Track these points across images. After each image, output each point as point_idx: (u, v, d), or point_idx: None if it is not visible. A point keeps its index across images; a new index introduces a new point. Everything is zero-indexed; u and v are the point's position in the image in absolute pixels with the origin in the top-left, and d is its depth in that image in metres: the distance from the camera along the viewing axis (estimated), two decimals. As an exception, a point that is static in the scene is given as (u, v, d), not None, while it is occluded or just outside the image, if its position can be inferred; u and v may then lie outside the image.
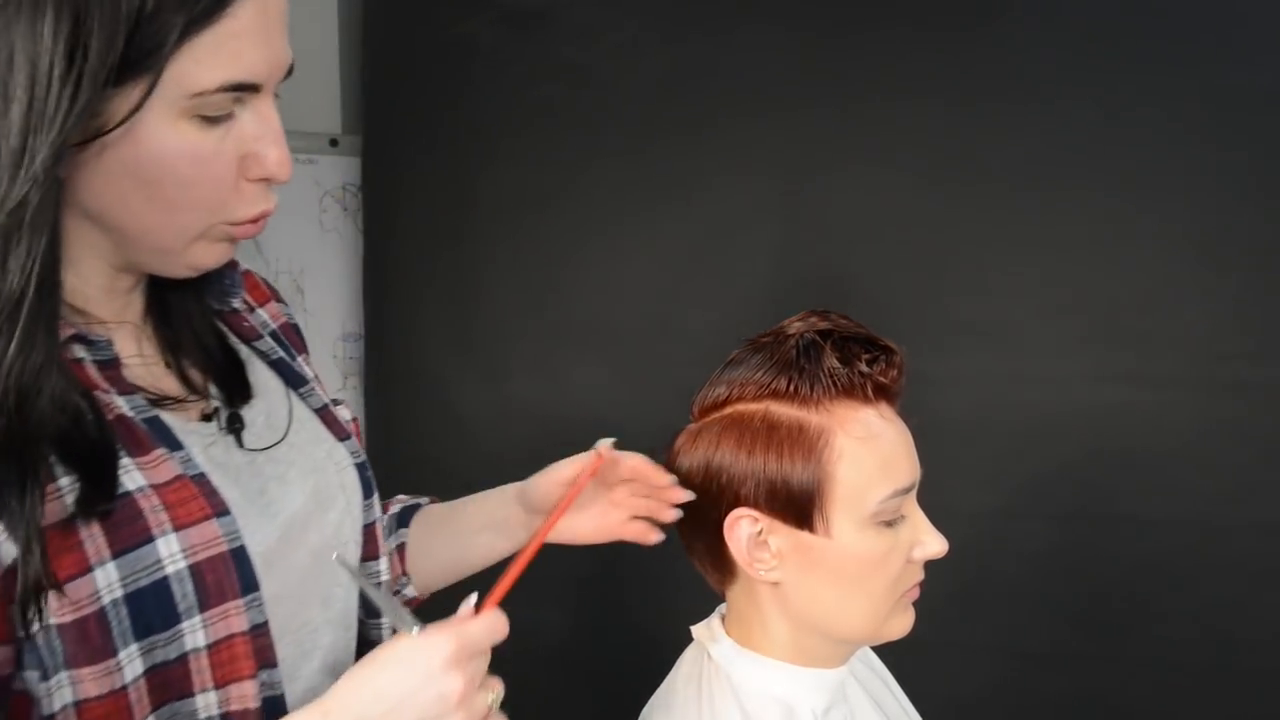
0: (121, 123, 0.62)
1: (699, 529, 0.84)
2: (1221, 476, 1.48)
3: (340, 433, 0.83)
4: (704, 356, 1.02)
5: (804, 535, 0.80)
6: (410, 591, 0.97)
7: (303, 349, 0.89)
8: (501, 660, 0.75)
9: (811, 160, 1.69)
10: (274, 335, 0.85)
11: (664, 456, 0.90)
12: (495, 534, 0.96)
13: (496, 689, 0.69)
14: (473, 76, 1.79)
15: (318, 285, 1.93)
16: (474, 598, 0.69)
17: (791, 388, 0.80)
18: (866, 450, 0.79)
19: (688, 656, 0.89)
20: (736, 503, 0.81)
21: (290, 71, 0.69)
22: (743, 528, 0.80)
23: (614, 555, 1.27)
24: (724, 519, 0.81)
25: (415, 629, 0.66)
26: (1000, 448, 1.59)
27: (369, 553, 0.84)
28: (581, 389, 1.40)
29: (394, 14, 1.86)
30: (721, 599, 0.89)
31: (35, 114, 0.59)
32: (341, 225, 1.96)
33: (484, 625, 0.67)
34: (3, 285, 0.60)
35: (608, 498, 0.93)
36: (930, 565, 0.86)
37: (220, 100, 0.64)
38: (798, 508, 0.79)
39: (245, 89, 0.65)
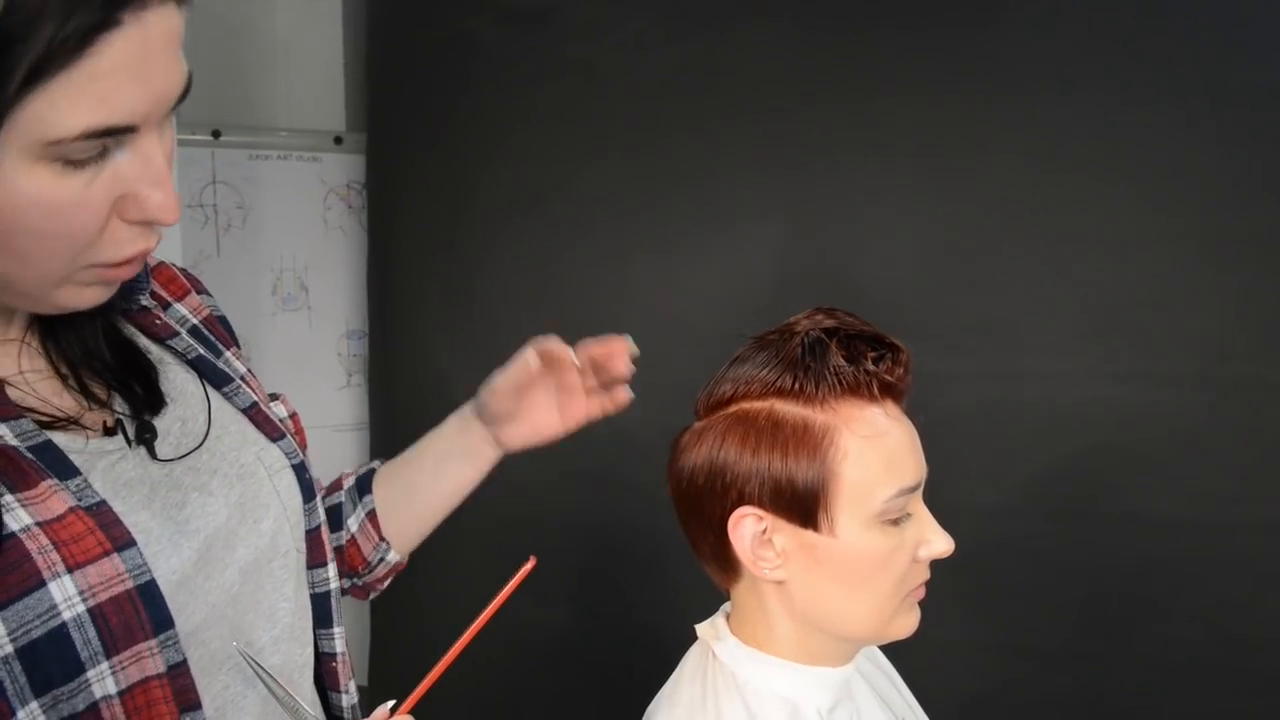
0: None
1: (704, 527, 0.83)
2: (1226, 475, 1.48)
3: (273, 432, 0.76)
4: (706, 354, 1.01)
5: (809, 534, 0.79)
6: (392, 557, 0.94)
7: (231, 343, 0.82)
8: (503, 658, 0.75)
9: (815, 157, 1.69)
10: (193, 331, 0.77)
11: (667, 455, 0.89)
12: (459, 460, 0.94)
13: None
14: (476, 74, 1.79)
15: (322, 282, 1.93)
16: (390, 704, 0.65)
17: (797, 386, 0.80)
18: (872, 449, 0.79)
19: (692, 655, 0.88)
20: (741, 501, 0.80)
21: (186, 92, 0.60)
22: (747, 526, 0.80)
23: (615, 553, 1.27)
24: (728, 517, 0.81)
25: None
26: (1004, 445, 1.58)
27: (315, 559, 0.78)
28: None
29: (398, 12, 1.86)
30: (726, 597, 0.89)
31: None
32: (346, 222, 1.96)
33: None
34: None
35: (562, 386, 0.95)
36: (934, 562, 0.86)
37: (84, 146, 0.56)
38: (803, 506, 0.79)
39: (116, 132, 0.56)
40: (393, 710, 0.65)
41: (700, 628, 0.89)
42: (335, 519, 0.93)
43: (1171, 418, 1.51)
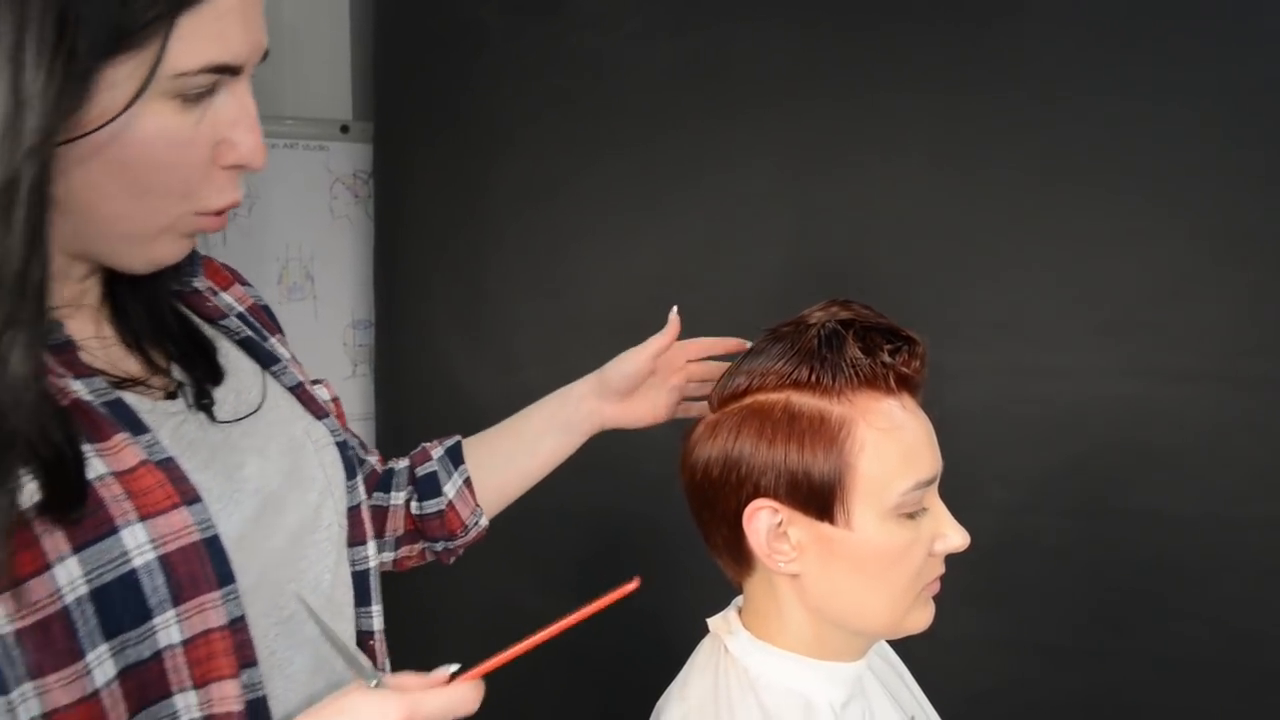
0: (129, 106, 0.59)
1: (718, 520, 0.83)
2: (1238, 471, 1.47)
3: (318, 411, 0.79)
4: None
5: (824, 527, 0.78)
6: (484, 522, 0.99)
7: (275, 330, 0.86)
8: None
9: (826, 151, 1.68)
10: (240, 316, 0.81)
11: (680, 447, 0.89)
12: (562, 434, 0.98)
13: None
14: (484, 64, 1.78)
15: (328, 272, 1.92)
16: (453, 667, 0.65)
17: (813, 378, 0.79)
18: (889, 441, 0.78)
19: (703, 649, 0.88)
20: (756, 494, 0.79)
21: (265, 56, 0.67)
22: (762, 519, 0.79)
23: (623, 546, 1.27)
24: (743, 510, 0.80)
25: (373, 682, 0.63)
26: (1016, 441, 1.58)
27: (355, 537, 0.80)
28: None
29: (406, 1, 1.85)
30: (735, 591, 0.88)
31: (25, 89, 0.55)
32: (352, 212, 1.95)
33: (444, 699, 0.61)
34: (17, 243, 0.55)
35: (666, 382, 1.01)
36: (946, 557, 0.85)
37: (201, 81, 0.61)
38: (819, 499, 0.78)
39: (226, 71, 0.63)
40: (452, 677, 0.65)
41: (712, 621, 0.88)
42: (431, 487, 0.97)
43: (1184, 414, 1.50)
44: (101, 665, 0.60)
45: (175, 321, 0.74)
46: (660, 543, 1.32)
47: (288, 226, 1.87)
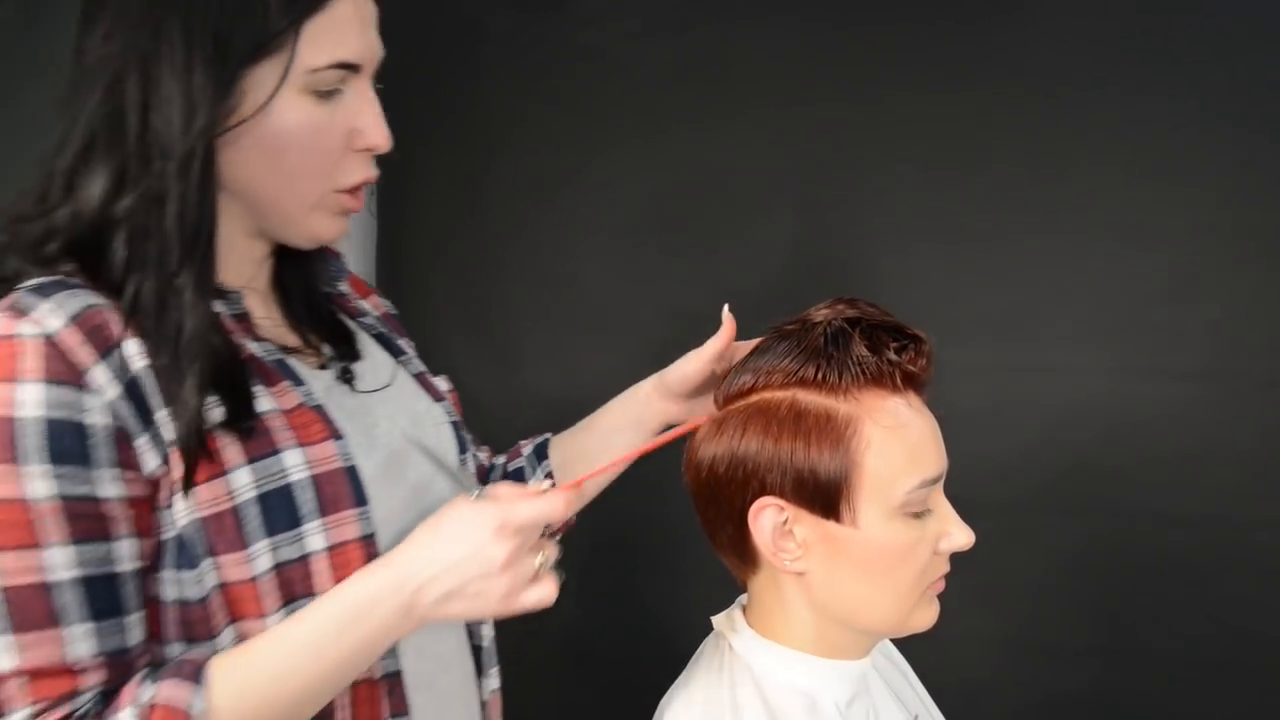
0: (270, 100, 0.74)
1: (723, 518, 0.82)
2: (1241, 471, 1.47)
3: (436, 395, 0.94)
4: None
5: (830, 525, 0.78)
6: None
7: (403, 334, 1.01)
8: (511, 649, 0.74)
9: (829, 149, 1.68)
10: (376, 319, 0.98)
11: (685, 445, 0.89)
12: (633, 431, 1.00)
13: (549, 551, 0.76)
14: (487, 61, 1.78)
15: (329, 270, 1.92)
16: (546, 482, 0.78)
17: (820, 375, 0.79)
18: (895, 439, 0.78)
19: (707, 647, 0.87)
20: (762, 491, 0.79)
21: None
22: (768, 517, 0.79)
23: (625, 545, 1.26)
24: (749, 508, 0.80)
25: (475, 493, 0.76)
26: (1019, 440, 1.58)
27: None
28: (595, 376, 1.40)
29: (407, -2, 1.85)
30: (737, 589, 0.88)
31: (191, 97, 0.72)
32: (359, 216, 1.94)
33: (534, 507, 0.74)
34: (188, 210, 0.73)
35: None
36: (949, 556, 0.85)
37: (330, 77, 0.76)
38: (824, 497, 0.78)
39: (349, 68, 0.77)
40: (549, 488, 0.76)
41: (717, 619, 0.88)
42: (518, 480, 1.05)
43: (1187, 413, 1.50)
44: (262, 556, 0.74)
45: (326, 311, 0.90)
46: (659, 542, 1.32)
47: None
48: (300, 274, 0.88)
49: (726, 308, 0.96)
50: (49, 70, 1.54)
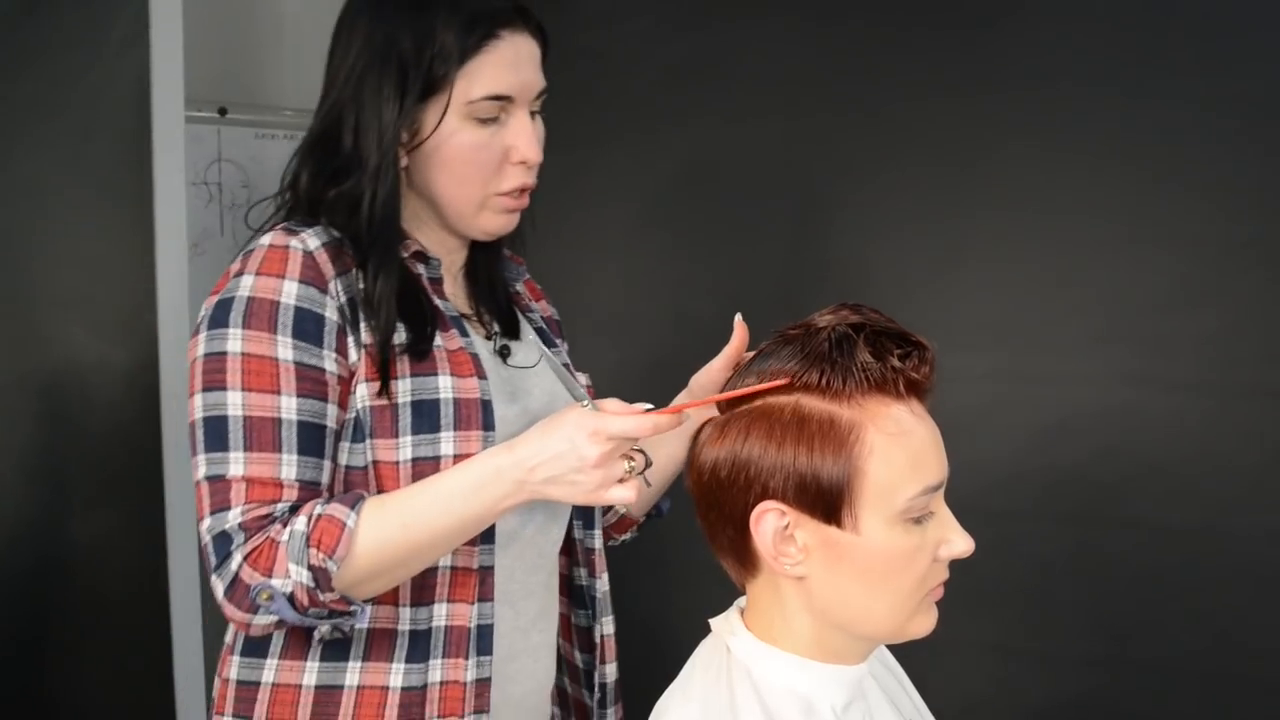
0: (436, 127, 1.00)
1: (724, 521, 0.83)
2: (1232, 481, 1.48)
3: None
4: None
5: (832, 530, 0.79)
6: (620, 508, 1.20)
7: (560, 336, 1.22)
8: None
9: (826, 154, 1.68)
10: (541, 318, 1.19)
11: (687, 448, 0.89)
12: (674, 439, 1.07)
13: (638, 459, 0.93)
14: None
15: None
16: (648, 406, 0.92)
17: (824, 381, 0.79)
18: (898, 446, 0.78)
19: (705, 649, 0.87)
20: (764, 495, 0.79)
21: (543, 93, 1.05)
22: (769, 521, 0.79)
23: (617, 548, 1.27)
24: (750, 512, 0.80)
25: (585, 403, 0.93)
26: (1012, 447, 1.58)
27: None
28: (595, 377, 1.40)
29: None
30: (732, 593, 0.88)
31: (383, 124, 0.99)
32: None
33: (625, 422, 0.89)
34: (380, 199, 0.99)
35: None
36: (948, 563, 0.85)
37: (486, 107, 1.00)
38: (826, 502, 0.78)
39: (502, 99, 1.00)
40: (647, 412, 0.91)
41: (715, 622, 0.88)
42: None
43: (1179, 422, 1.51)
44: (405, 448, 0.96)
45: (503, 299, 1.14)
46: (652, 546, 1.32)
47: (282, 217, 1.86)
48: (488, 266, 1.14)
49: (739, 316, 0.99)
50: (45, 55, 1.54)
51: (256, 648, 1.00)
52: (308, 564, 0.88)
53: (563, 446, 0.90)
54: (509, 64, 1.00)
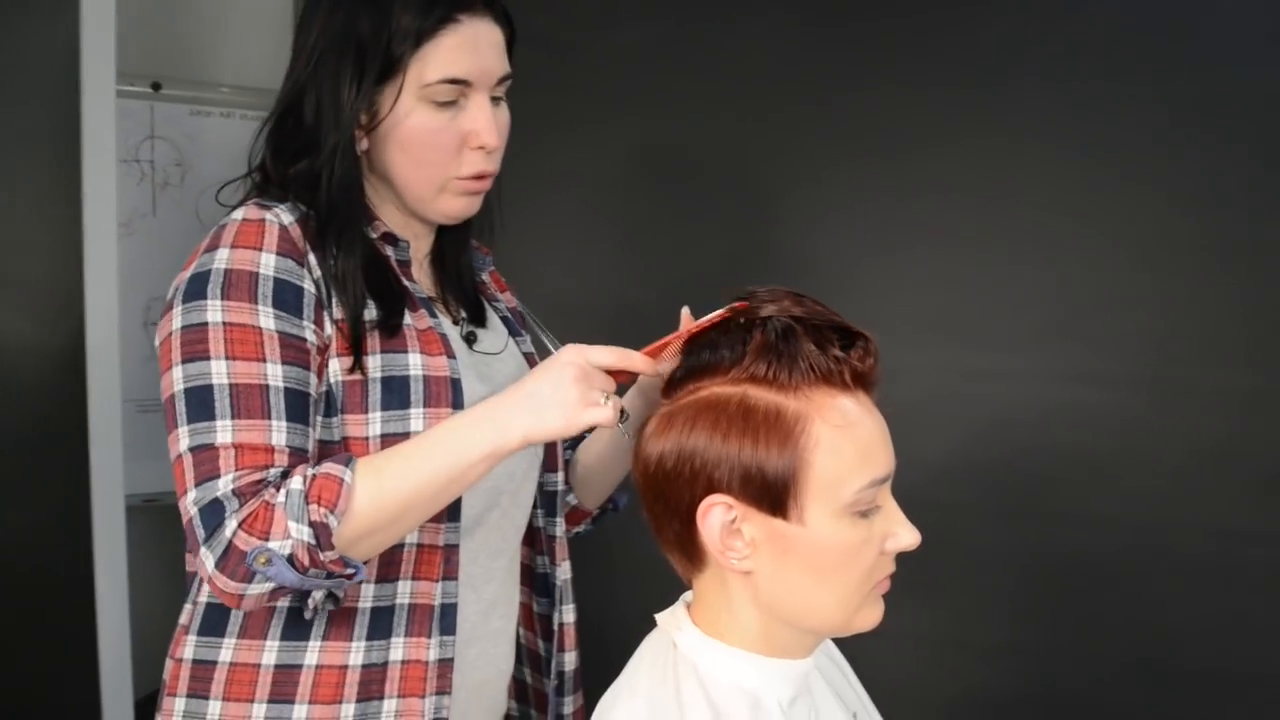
0: (392, 109, 1.00)
1: (670, 514, 0.82)
2: (1165, 476, 1.51)
3: None
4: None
5: (778, 523, 0.78)
6: (572, 499, 1.21)
7: (524, 328, 1.21)
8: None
9: (772, 146, 1.68)
10: (506, 309, 1.20)
11: (632, 440, 0.88)
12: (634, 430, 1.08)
13: (614, 395, 0.92)
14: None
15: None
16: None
17: (770, 372, 0.78)
18: (844, 438, 0.78)
19: (651, 644, 0.86)
20: (711, 489, 0.79)
21: (506, 79, 1.06)
22: (716, 515, 0.78)
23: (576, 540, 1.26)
24: (697, 505, 0.79)
25: (556, 346, 0.96)
26: (949, 441, 1.60)
27: (548, 465, 1.15)
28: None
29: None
30: (675, 586, 0.87)
31: (341, 104, 0.99)
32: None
33: (606, 351, 0.92)
34: (337, 179, 1.01)
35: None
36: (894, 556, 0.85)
37: (444, 90, 1.00)
38: (773, 495, 0.77)
39: (457, 83, 1.01)
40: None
41: (661, 617, 0.87)
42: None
43: (1116, 419, 1.53)
44: (375, 423, 0.98)
45: (470, 286, 1.15)
46: (599, 538, 1.31)
47: (222, 198, 1.81)
48: (455, 253, 1.15)
49: (686, 310, 0.97)
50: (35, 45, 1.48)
51: (215, 627, 0.99)
52: (308, 520, 0.88)
53: (545, 375, 0.92)
54: (467, 48, 1.00)
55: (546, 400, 0.90)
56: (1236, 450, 1.47)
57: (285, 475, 0.92)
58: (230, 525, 0.88)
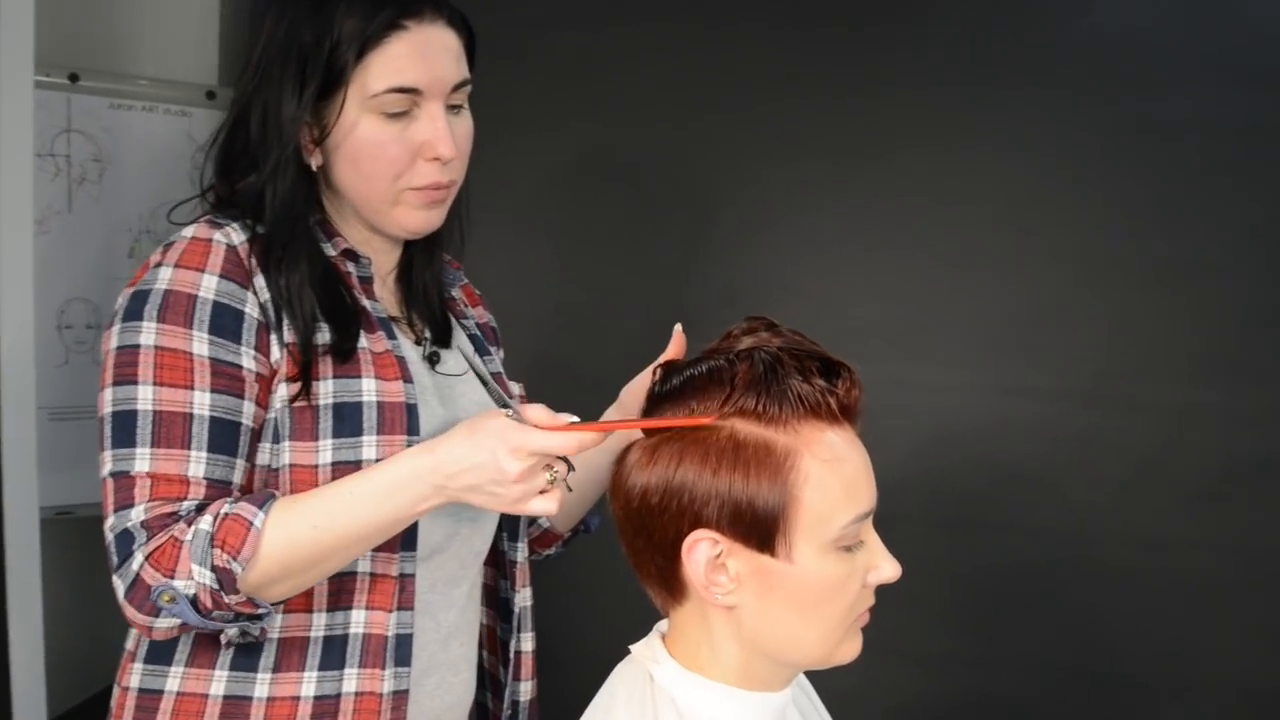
0: (336, 121, 0.97)
1: (653, 548, 0.80)
2: (1099, 488, 1.55)
3: (506, 392, 1.12)
4: (603, 344, 1.00)
5: (764, 559, 0.77)
6: (543, 523, 1.18)
7: (496, 344, 1.20)
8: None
9: (715, 155, 1.68)
10: (476, 325, 1.16)
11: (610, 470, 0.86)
12: (604, 454, 1.01)
13: (559, 467, 0.90)
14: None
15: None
16: (573, 418, 0.88)
17: (759, 406, 0.77)
18: (831, 474, 0.77)
19: (624, 677, 0.84)
20: (698, 523, 0.77)
21: (464, 85, 1.01)
22: (701, 550, 0.77)
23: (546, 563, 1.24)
24: (682, 539, 0.78)
25: (509, 413, 0.89)
26: (889, 453, 1.60)
27: None
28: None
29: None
30: (664, 616, 0.86)
31: (284, 118, 0.96)
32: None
33: (548, 439, 0.86)
34: (280, 195, 0.97)
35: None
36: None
37: (393, 100, 0.96)
38: (761, 531, 0.76)
39: (406, 91, 0.97)
40: (570, 426, 0.88)
41: (636, 648, 0.85)
42: None
43: (1049, 431, 1.57)
44: (324, 451, 0.94)
45: (437, 304, 1.11)
46: (556, 566, 1.29)
47: (143, 196, 1.72)
48: (424, 270, 1.10)
49: (679, 327, 0.97)
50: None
51: (161, 654, 0.96)
52: (211, 565, 0.86)
53: (484, 458, 0.87)
54: (416, 55, 0.97)
55: (488, 489, 0.88)
56: (1171, 462, 1.51)
57: (201, 509, 0.89)
58: (137, 558, 0.87)
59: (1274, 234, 1.50)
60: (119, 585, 0.88)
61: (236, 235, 0.96)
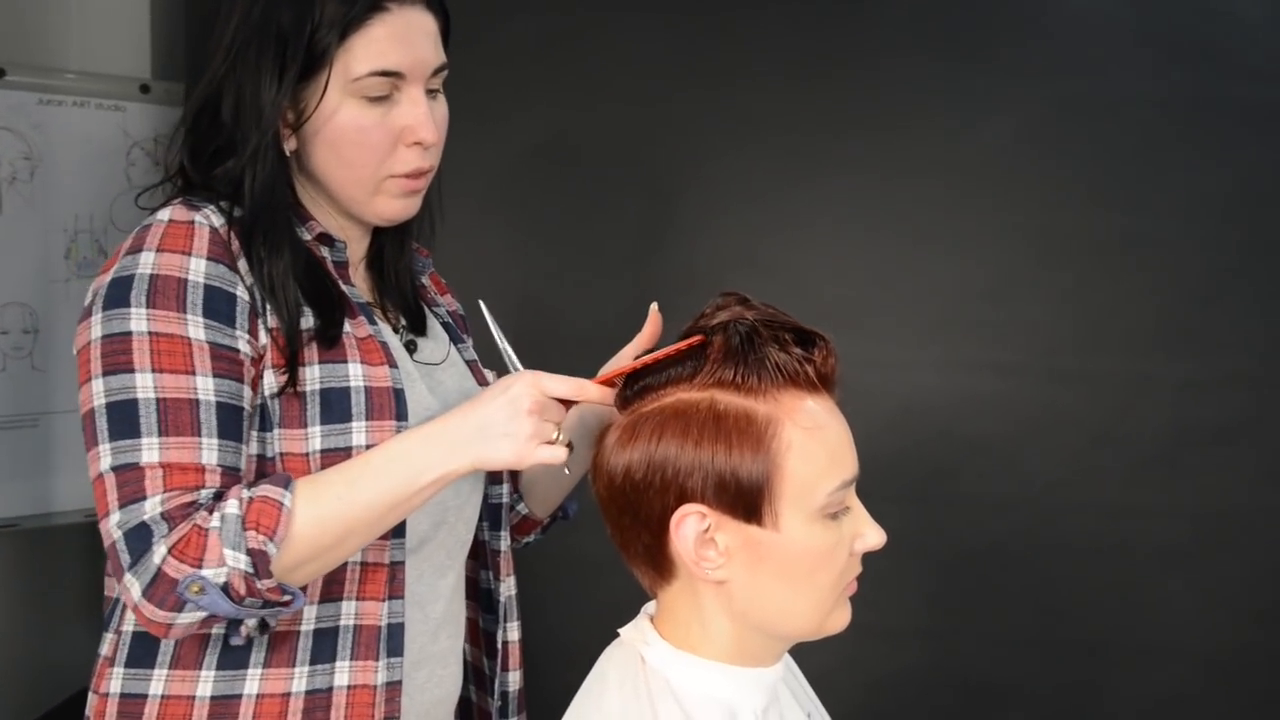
0: (317, 106, 0.93)
1: (639, 526, 0.79)
2: (1055, 460, 1.57)
3: (481, 380, 1.10)
4: (564, 331, 0.98)
5: (752, 530, 0.76)
6: (522, 508, 1.16)
7: (467, 332, 1.17)
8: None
9: (674, 139, 1.67)
10: (447, 313, 1.15)
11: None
12: (583, 442, 1.00)
13: (565, 427, 0.89)
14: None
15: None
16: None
17: (738, 376, 0.76)
18: (814, 441, 0.77)
19: (613, 660, 0.83)
20: (683, 498, 0.76)
21: (442, 70, 0.99)
22: (689, 525, 0.76)
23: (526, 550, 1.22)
24: (669, 515, 0.76)
25: (518, 368, 0.92)
26: (855, 430, 1.62)
27: (492, 478, 1.10)
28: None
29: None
30: (651, 598, 0.85)
31: (262, 102, 0.93)
32: (153, 180, 1.76)
33: (562, 381, 0.88)
34: (260, 182, 0.94)
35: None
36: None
37: (374, 84, 0.94)
38: (747, 501, 0.75)
39: (388, 75, 0.94)
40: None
41: (625, 631, 0.84)
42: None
43: (1005, 406, 1.59)
44: (313, 439, 0.92)
45: (410, 291, 1.09)
46: (570, 546, 1.27)
47: (78, 195, 1.67)
48: (395, 257, 1.08)
49: (654, 306, 0.94)
50: None
51: (143, 658, 0.93)
52: (245, 548, 0.83)
53: (497, 398, 0.88)
54: (398, 38, 0.94)
55: (499, 431, 0.87)
56: (1123, 432, 1.54)
57: (218, 497, 0.86)
58: (159, 551, 0.83)
59: (1223, 206, 1.53)
60: (133, 584, 0.83)
61: (215, 218, 0.93)
